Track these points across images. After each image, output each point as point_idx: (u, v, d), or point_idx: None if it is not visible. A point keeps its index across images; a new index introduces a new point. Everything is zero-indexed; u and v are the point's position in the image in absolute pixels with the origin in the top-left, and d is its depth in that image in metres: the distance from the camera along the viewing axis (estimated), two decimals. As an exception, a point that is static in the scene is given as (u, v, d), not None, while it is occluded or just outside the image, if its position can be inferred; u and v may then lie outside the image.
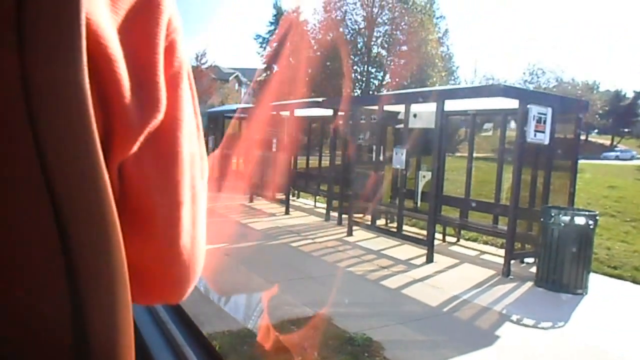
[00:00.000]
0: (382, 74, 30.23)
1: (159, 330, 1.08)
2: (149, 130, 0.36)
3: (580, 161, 7.89)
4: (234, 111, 15.60)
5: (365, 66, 29.71)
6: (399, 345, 4.16)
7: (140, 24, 0.35)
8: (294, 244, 7.86)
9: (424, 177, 8.39)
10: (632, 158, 44.78)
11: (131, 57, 0.34)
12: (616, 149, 49.62)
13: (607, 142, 53.11)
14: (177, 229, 0.42)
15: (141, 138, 0.35)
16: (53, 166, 0.28)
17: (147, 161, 0.38)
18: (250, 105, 18.14)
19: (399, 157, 7.70)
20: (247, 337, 4.13)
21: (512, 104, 6.83)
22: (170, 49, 0.38)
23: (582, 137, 6.98)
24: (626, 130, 52.19)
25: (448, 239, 8.67)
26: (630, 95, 52.80)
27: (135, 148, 0.35)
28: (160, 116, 0.37)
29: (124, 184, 0.37)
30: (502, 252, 7.72)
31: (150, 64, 0.36)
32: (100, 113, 0.32)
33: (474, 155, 8.82)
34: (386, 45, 30.00)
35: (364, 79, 29.58)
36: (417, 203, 8.84)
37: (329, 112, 10.61)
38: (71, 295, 0.29)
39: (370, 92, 27.44)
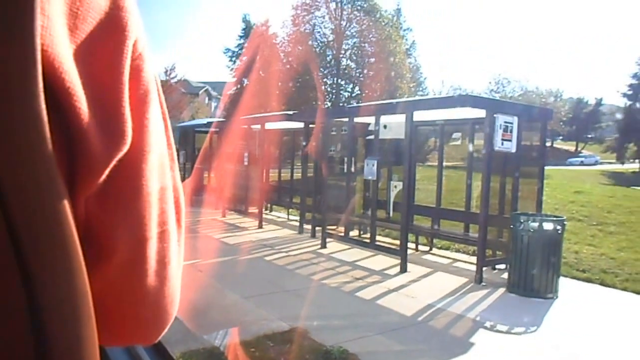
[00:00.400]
0: (351, 86, 30.53)
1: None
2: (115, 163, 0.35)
3: (547, 167, 8.08)
4: (204, 125, 15.52)
5: (335, 79, 29.96)
6: (375, 356, 4.17)
7: (103, 51, 0.33)
8: (267, 258, 7.82)
9: (395, 187, 8.46)
10: (596, 163, 46.13)
11: (94, 86, 0.32)
12: (580, 154, 51.03)
13: (572, 148, 54.56)
14: (142, 267, 0.40)
15: (107, 171, 0.34)
16: (13, 204, 0.27)
17: (110, 195, 0.36)
18: (221, 119, 18.06)
19: (370, 169, 7.76)
20: (222, 354, 4.08)
21: (480, 113, 6.96)
22: (135, 76, 0.36)
23: (548, 144, 7.16)
24: (589, 136, 53.72)
25: (421, 247, 8.75)
26: (592, 102, 54.40)
27: (101, 180, 0.34)
28: (126, 148, 0.35)
29: (88, 219, 0.35)
30: (474, 259, 7.82)
31: (114, 94, 0.34)
32: (63, 146, 0.31)
33: (444, 164, 8.96)
34: (355, 58, 30.34)
35: (334, 91, 29.80)
36: (389, 213, 8.91)
37: (300, 125, 10.64)
38: (34, 333, 0.28)
39: (341, 105, 27.63)
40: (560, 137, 53.97)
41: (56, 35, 0.29)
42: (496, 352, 4.39)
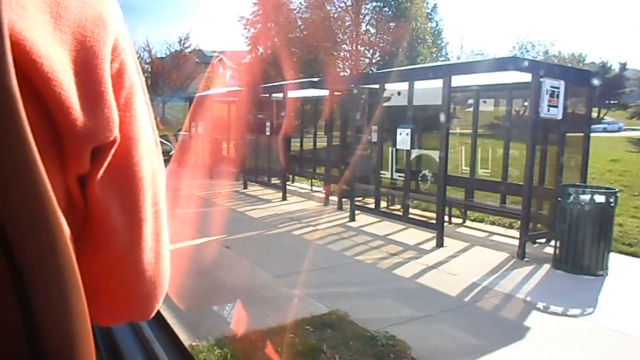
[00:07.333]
0: (371, 52, 29.62)
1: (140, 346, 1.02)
2: (103, 148, 0.36)
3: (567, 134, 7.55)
4: (221, 95, 15.11)
5: (354, 45, 29.08)
6: (424, 342, 3.83)
7: (87, 43, 0.34)
8: (295, 232, 7.49)
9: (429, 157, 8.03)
10: (619, 130, 45.03)
11: (79, 73, 0.33)
12: (603, 121, 49.77)
13: (594, 115, 53.27)
14: (139, 246, 0.42)
15: (89, 152, 0.35)
16: None
17: (106, 181, 0.37)
18: (238, 88, 17.61)
19: (404, 138, 7.29)
20: (261, 340, 3.78)
21: (520, 77, 6.50)
22: (119, 71, 0.38)
23: (569, 111, 6.67)
24: (613, 102, 52.27)
25: (453, 220, 8.36)
26: (616, 67, 52.81)
27: (88, 162, 0.35)
28: (112, 134, 0.36)
29: (88, 205, 0.37)
30: (511, 232, 7.47)
31: (98, 82, 0.35)
32: (46, 126, 0.32)
33: (478, 132, 8.50)
34: (374, 23, 29.33)
35: (353, 57, 28.97)
36: (419, 184, 8.52)
37: (322, 92, 10.17)
38: (24, 317, 0.28)
39: (360, 72, 26.86)
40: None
41: (32, 22, 0.30)
42: (556, 336, 4.04)
